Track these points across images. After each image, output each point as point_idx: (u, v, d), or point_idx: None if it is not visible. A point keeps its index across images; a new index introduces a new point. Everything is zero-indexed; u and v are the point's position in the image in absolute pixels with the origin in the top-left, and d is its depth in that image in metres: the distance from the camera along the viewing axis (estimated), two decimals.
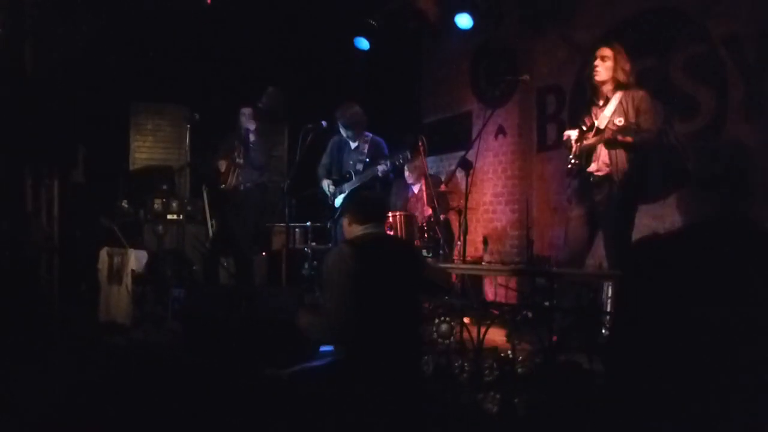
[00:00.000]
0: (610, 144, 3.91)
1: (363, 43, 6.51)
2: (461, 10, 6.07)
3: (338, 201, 5.21)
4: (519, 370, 3.27)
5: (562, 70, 5.87)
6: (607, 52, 3.99)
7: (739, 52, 4.40)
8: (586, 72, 4.13)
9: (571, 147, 4.15)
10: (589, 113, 4.14)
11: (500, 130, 6.52)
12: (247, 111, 5.46)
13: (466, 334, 3.79)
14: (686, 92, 4.75)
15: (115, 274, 5.11)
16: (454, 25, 6.20)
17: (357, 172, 5.10)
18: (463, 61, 7.01)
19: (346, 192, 5.13)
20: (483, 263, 6.11)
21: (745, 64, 4.38)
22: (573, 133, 4.16)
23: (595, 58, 4.01)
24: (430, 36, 6.94)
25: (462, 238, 4.61)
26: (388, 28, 6.48)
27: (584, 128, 4.12)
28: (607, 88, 4.02)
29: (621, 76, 3.98)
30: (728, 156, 1.70)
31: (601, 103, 4.08)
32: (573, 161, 4.12)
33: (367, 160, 5.10)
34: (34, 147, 4.89)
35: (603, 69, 3.99)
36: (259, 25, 6.33)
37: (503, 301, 5.68)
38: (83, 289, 5.33)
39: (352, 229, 2.92)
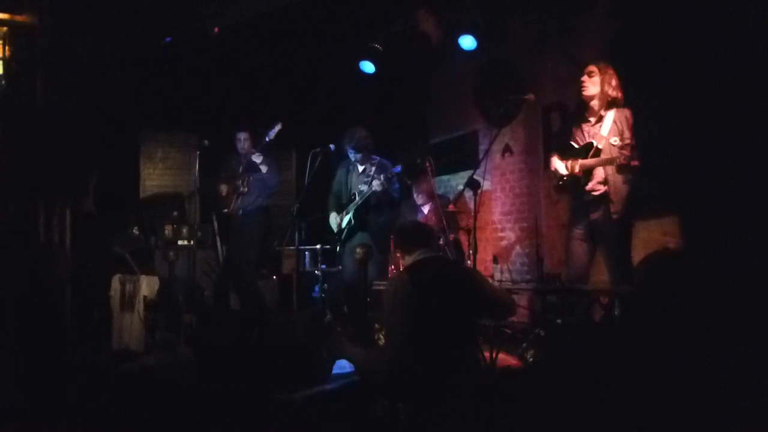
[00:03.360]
0: (621, 169, 3.96)
1: (368, 67, 6.58)
2: (464, 31, 6.12)
3: (344, 222, 5.27)
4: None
5: (566, 88, 5.90)
6: (592, 68, 4.11)
7: None
8: (576, 89, 4.23)
9: (560, 174, 4.26)
10: (580, 130, 4.23)
11: (507, 149, 6.54)
12: (242, 135, 5.53)
13: None
14: None
15: (128, 301, 5.14)
16: (457, 46, 6.25)
17: (360, 193, 5.17)
18: (468, 81, 7.06)
19: (351, 212, 5.20)
20: (494, 282, 6.11)
21: None
22: (560, 166, 4.26)
23: (583, 74, 4.12)
24: (435, 57, 7.00)
25: (472, 258, 4.62)
26: (393, 51, 6.54)
27: (576, 146, 4.20)
28: (597, 106, 4.11)
29: (610, 93, 4.07)
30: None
31: (593, 120, 4.17)
32: (564, 178, 4.20)
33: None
34: (46, 177, 4.96)
35: (590, 84, 4.10)
36: (266, 52, 6.42)
37: (515, 319, 5.64)
38: (96, 317, 5.36)
39: (407, 260, 3.00)
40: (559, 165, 4.32)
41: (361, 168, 5.34)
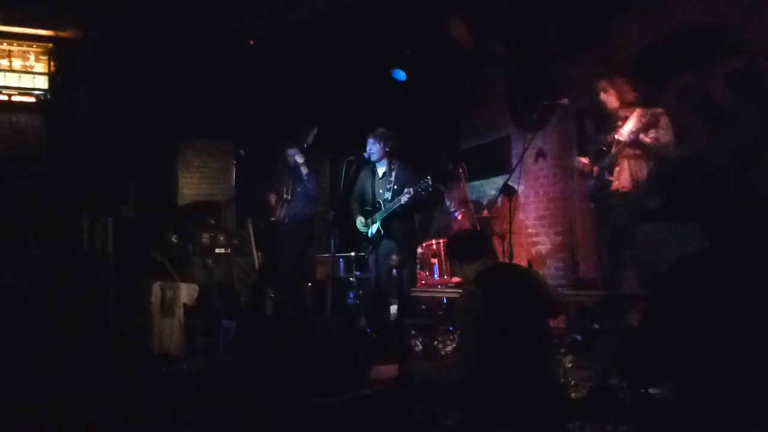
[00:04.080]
0: (636, 146, 4.06)
1: (400, 75, 6.62)
2: (494, 36, 6.13)
3: (372, 231, 5.28)
4: (572, 395, 3.23)
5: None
6: (604, 84, 4.25)
7: None
8: (596, 103, 4.34)
9: (591, 171, 4.35)
10: (611, 134, 4.34)
11: (540, 154, 6.51)
12: (292, 150, 5.69)
13: None
14: (728, 107, 4.69)
15: (168, 307, 5.26)
16: (489, 51, 6.26)
17: (386, 201, 5.18)
18: (500, 86, 7.05)
19: (378, 221, 5.21)
20: None
21: None
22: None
23: (598, 93, 4.22)
24: (466, 63, 7.01)
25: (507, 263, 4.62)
26: (424, 58, 6.58)
27: (605, 148, 4.31)
28: (621, 112, 4.24)
29: (628, 99, 4.27)
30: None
31: (619, 123, 4.29)
32: (595, 181, 4.32)
33: (395, 187, 5.18)
34: (89, 186, 5.12)
35: (609, 98, 4.26)
36: (299, 62, 6.51)
37: (551, 324, 5.61)
38: (137, 322, 5.49)
39: (466, 271, 2.82)
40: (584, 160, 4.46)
41: (381, 171, 5.34)
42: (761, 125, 4.48)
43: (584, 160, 4.51)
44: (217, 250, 6.33)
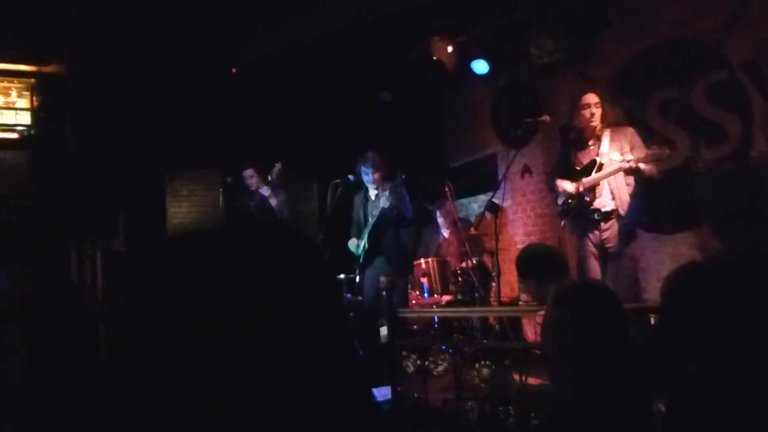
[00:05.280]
0: (631, 172, 4.09)
1: (385, 97, 6.68)
2: (477, 56, 6.21)
3: (359, 250, 5.30)
4: None
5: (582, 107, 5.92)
6: (593, 98, 4.29)
7: (758, 77, 4.42)
8: (579, 119, 4.36)
9: (568, 193, 4.36)
10: (583, 153, 4.37)
11: (526, 170, 6.56)
12: (248, 173, 5.66)
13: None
14: (710, 119, 4.75)
15: None
16: (472, 71, 6.33)
17: (373, 217, 5.21)
18: (485, 105, 7.12)
19: (365, 237, 5.23)
20: (520, 303, 6.08)
21: (765, 88, 4.39)
22: (568, 185, 4.36)
23: (588, 106, 4.26)
24: (450, 83, 7.08)
25: (496, 280, 4.63)
26: (409, 79, 6.65)
27: (578, 168, 4.32)
28: (600, 128, 4.30)
29: (609, 116, 4.35)
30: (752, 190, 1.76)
31: (590, 143, 4.34)
32: (569, 201, 4.32)
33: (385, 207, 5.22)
34: (77, 220, 5.09)
35: (599, 114, 4.27)
36: (284, 87, 6.56)
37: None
38: (130, 355, 5.43)
39: (544, 289, 2.63)
40: (566, 184, 4.43)
41: (374, 194, 5.37)
42: (743, 134, 4.54)
43: (568, 187, 4.43)
44: None
